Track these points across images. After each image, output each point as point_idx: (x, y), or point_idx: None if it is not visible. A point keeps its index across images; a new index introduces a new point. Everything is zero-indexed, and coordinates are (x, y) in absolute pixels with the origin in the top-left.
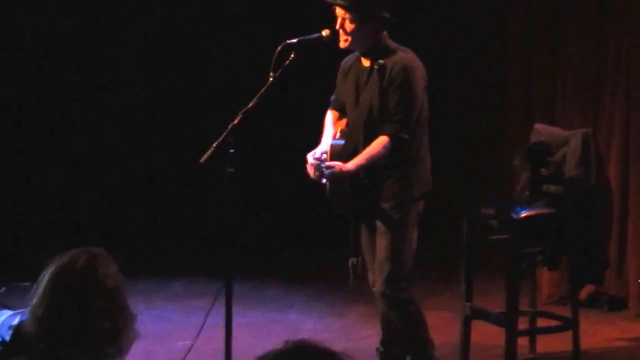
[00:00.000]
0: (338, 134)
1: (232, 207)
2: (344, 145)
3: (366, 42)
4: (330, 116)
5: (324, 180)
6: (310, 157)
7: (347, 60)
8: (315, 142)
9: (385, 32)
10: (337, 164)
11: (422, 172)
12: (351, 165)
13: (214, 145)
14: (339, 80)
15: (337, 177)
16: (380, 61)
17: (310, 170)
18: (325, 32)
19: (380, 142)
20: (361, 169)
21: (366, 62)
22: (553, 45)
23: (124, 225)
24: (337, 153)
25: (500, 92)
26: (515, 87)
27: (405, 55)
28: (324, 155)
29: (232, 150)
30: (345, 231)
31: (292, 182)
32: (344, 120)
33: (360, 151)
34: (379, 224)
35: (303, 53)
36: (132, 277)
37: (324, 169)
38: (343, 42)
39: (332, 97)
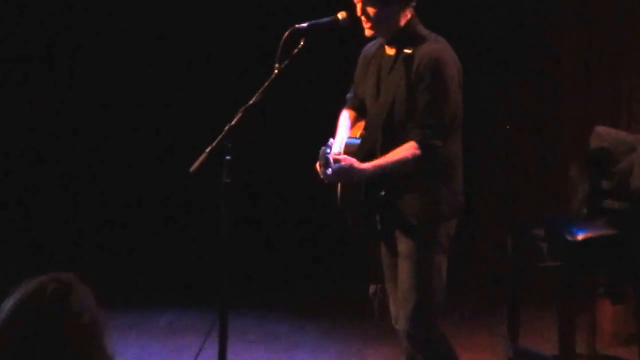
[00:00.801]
0: (357, 134)
1: (229, 224)
2: (359, 146)
3: (391, 26)
4: (345, 117)
5: (329, 171)
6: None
7: (369, 48)
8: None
9: (414, 15)
10: (349, 158)
11: (453, 185)
12: (368, 165)
13: (207, 150)
14: (358, 72)
15: (346, 175)
16: (407, 50)
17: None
18: (341, 15)
19: (408, 148)
20: (380, 173)
21: (391, 51)
22: (618, 38)
23: (99, 246)
24: (352, 153)
25: (552, 91)
26: (571, 82)
27: (437, 45)
28: (331, 143)
29: (228, 157)
30: (364, 253)
31: (301, 195)
32: (361, 123)
33: (377, 155)
34: (401, 246)
35: (315, 40)
36: (109, 309)
37: (331, 161)
38: (367, 30)
39: (349, 94)
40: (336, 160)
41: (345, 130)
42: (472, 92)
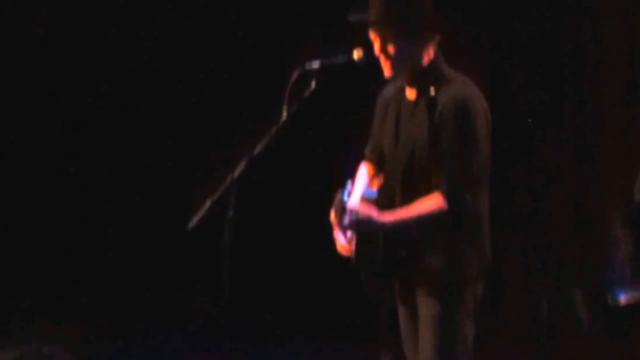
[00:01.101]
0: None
1: (229, 284)
2: (376, 199)
3: (413, 65)
4: (364, 172)
5: (346, 220)
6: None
7: (387, 91)
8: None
9: (438, 53)
10: (367, 207)
11: (481, 244)
12: (389, 216)
13: (207, 205)
14: (376, 118)
15: (364, 226)
16: (430, 92)
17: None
18: (357, 53)
19: (433, 200)
20: (401, 226)
21: (411, 93)
22: None
23: (89, 300)
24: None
25: (591, 125)
26: (612, 124)
27: (463, 88)
28: (348, 186)
29: (231, 213)
30: (378, 316)
31: (306, 253)
32: (380, 178)
33: (396, 208)
34: (422, 311)
35: (328, 81)
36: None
37: (349, 211)
38: (386, 69)
39: (367, 147)
40: (354, 210)
41: (363, 185)
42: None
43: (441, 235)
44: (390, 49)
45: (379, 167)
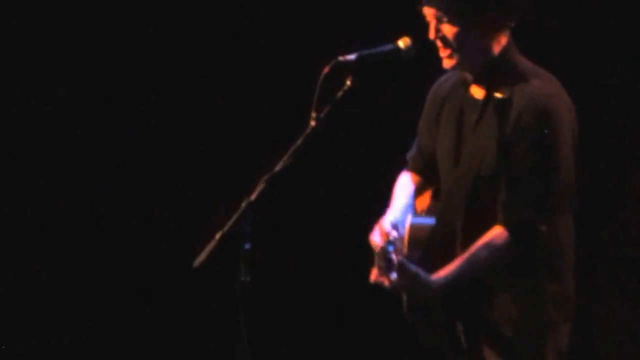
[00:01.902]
0: (424, 209)
1: (247, 332)
2: (432, 229)
3: (479, 57)
4: (406, 183)
5: (394, 276)
6: (387, 225)
7: (442, 85)
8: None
9: (511, 42)
10: (412, 269)
11: (563, 282)
12: (441, 280)
13: (217, 237)
14: (425, 118)
15: (413, 292)
16: (502, 93)
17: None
18: (403, 42)
19: (496, 237)
20: (457, 284)
21: (477, 91)
22: None
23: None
24: (420, 240)
25: None
26: None
27: (544, 87)
28: (397, 233)
29: (247, 246)
30: None
31: (337, 291)
32: (428, 193)
33: (457, 241)
34: None
35: (366, 77)
36: None
37: (394, 265)
38: (446, 60)
39: (411, 152)
40: (402, 269)
41: (406, 202)
42: None
43: (514, 272)
44: (450, 31)
45: (426, 177)
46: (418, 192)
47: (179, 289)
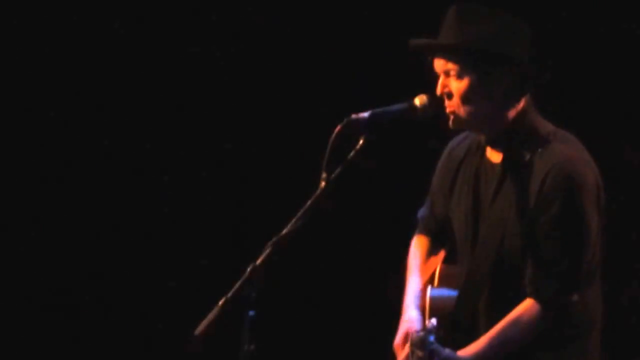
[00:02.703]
0: (437, 279)
1: None
2: (456, 301)
3: (493, 118)
4: (417, 248)
5: None
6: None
7: (458, 145)
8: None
9: (530, 103)
10: (448, 353)
11: (589, 352)
12: (468, 355)
13: (219, 304)
14: (438, 178)
15: None
16: (522, 158)
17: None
18: (419, 100)
19: (528, 312)
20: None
21: (495, 155)
22: None
23: None
24: (443, 315)
25: None
26: None
27: (567, 151)
28: (432, 323)
29: (251, 313)
30: None
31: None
32: (439, 256)
33: (479, 318)
34: None
35: (380, 137)
36: None
37: (436, 353)
38: (450, 117)
39: (422, 211)
40: (435, 353)
41: (416, 277)
42: None
43: (544, 345)
44: (457, 88)
45: (439, 240)
46: (426, 258)
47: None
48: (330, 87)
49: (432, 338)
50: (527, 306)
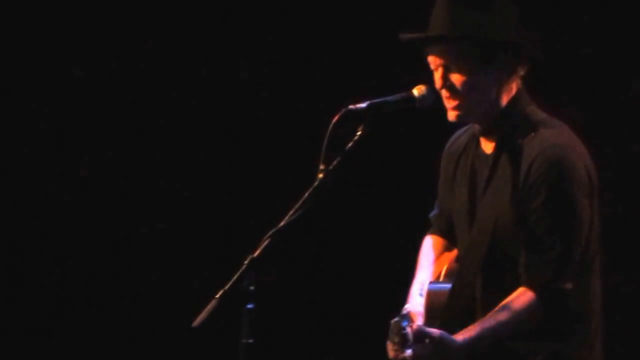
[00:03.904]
0: (443, 274)
1: None
2: (450, 293)
3: (487, 107)
4: (429, 247)
5: (409, 352)
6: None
7: (456, 141)
8: (403, 290)
9: (522, 90)
10: (435, 332)
11: (590, 344)
12: (463, 340)
13: (217, 297)
14: (443, 178)
15: (435, 357)
16: (513, 146)
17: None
18: (418, 90)
19: (520, 299)
20: (480, 346)
21: (488, 146)
22: None
23: None
24: (438, 308)
25: None
26: None
27: (557, 138)
28: (406, 308)
29: (250, 306)
30: None
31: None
32: (452, 254)
33: (477, 307)
34: None
35: (379, 127)
36: None
37: (409, 337)
38: (450, 110)
39: (433, 212)
40: (419, 335)
41: (427, 270)
42: None
43: (539, 336)
44: (457, 79)
45: (451, 239)
46: (439, 252)
47: (178, 351)
48: (329, 78)
49: (404, 323)
50: (520, 292)
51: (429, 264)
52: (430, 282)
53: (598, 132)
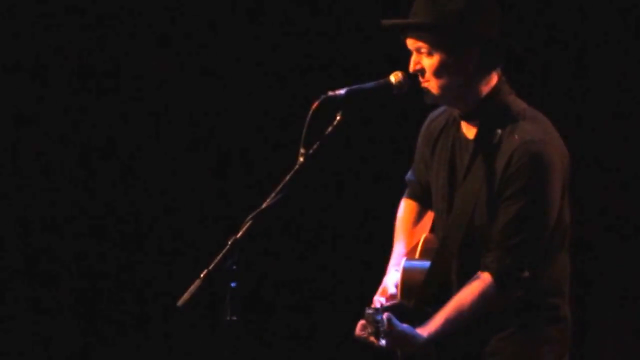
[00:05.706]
0: (419, 250)
1: None
2: (427, 273)
3: (465, 93)
4: (405, 212)
5: (383, 342)
6: (377, 303)
7: (436, 118)
8: (379, 267)
9: (503, 80)
10: (403, 328)
11: (560, 321)
12: (429, 335)
13: (201, 277)
14: (420, 150)
15: (404, 349)
16: (493, 135)
17: (359, 327)
18: (395, 77)
19: (478, 287)
20: (446, 333)
21: (469, 131)
22: None
23: None
24: (414, 287)
25: None
26: None
27: (536, 131)
28: (382, 299)
29: (233, 284)
30: None
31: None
32: (427, 221)
33: (452, 288)
34: None
35: (357, 113)
36: None
37: (381, 328)
38: (426, 93)
39: (408, 175)
40: (390, 329)
41: (402, 241)
42: None
43: (505, 315)
44: (430, 65)
45: (423, 203)
46: (414, 217)
47: (163, 327)
48: (308, 65)
49: (379, 317)
50: (479, 278)
51: (406, 234)
52: (407, 259)
53: (573, 123)
